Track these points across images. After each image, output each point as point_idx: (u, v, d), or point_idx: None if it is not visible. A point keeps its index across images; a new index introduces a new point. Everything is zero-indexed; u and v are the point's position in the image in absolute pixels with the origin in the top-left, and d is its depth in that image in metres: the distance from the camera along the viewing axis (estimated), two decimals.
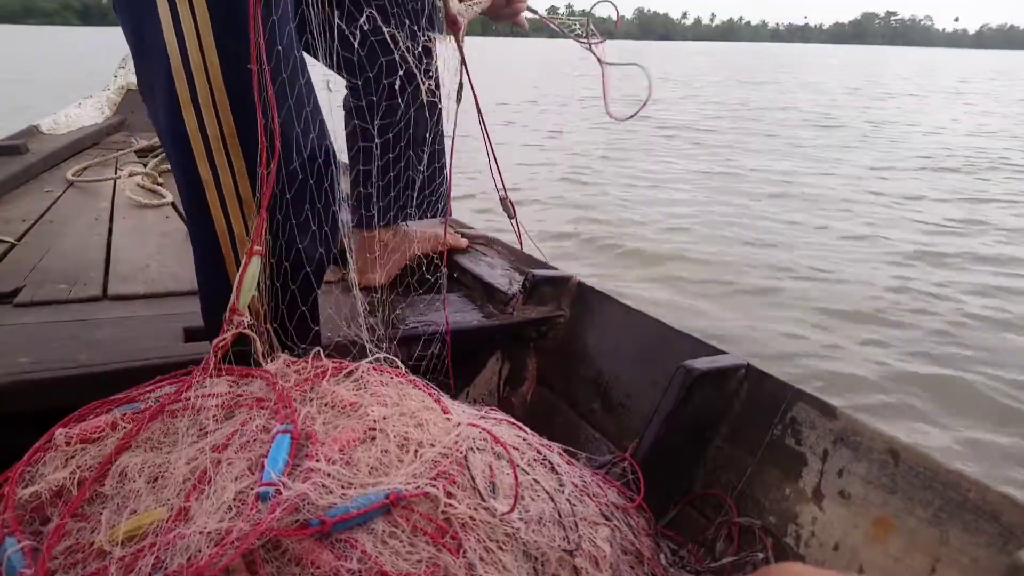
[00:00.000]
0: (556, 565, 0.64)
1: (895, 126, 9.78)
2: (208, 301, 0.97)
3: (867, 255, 3.70)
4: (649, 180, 5.58)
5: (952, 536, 0.69)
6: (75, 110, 3.71)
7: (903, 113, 11.77)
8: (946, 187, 5.54)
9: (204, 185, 0.85)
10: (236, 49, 0.81)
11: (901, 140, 8.30)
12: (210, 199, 0.86)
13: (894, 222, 4.41)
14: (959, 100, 15.13)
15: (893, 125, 9.88)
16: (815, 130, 9.12)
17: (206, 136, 0.83)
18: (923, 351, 2.55)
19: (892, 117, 11.04)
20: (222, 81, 0.81)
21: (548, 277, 1.33)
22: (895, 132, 9.06)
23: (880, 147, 7.67)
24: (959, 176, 6.06)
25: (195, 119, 0.82)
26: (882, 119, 10.66)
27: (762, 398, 0.92)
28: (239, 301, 0.79)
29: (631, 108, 1.40)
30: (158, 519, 0.57)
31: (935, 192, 5.34)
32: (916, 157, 6.98)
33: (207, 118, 0.82)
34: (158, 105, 0.86)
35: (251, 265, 0.80)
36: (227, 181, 0.85)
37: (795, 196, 5.05)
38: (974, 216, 4.60)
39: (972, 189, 5.49)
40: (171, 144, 0.86)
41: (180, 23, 0.79)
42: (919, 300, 3.04)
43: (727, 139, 8.04)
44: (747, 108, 12.08)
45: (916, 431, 2.05)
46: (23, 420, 0.89)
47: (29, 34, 57.37)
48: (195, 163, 0.84)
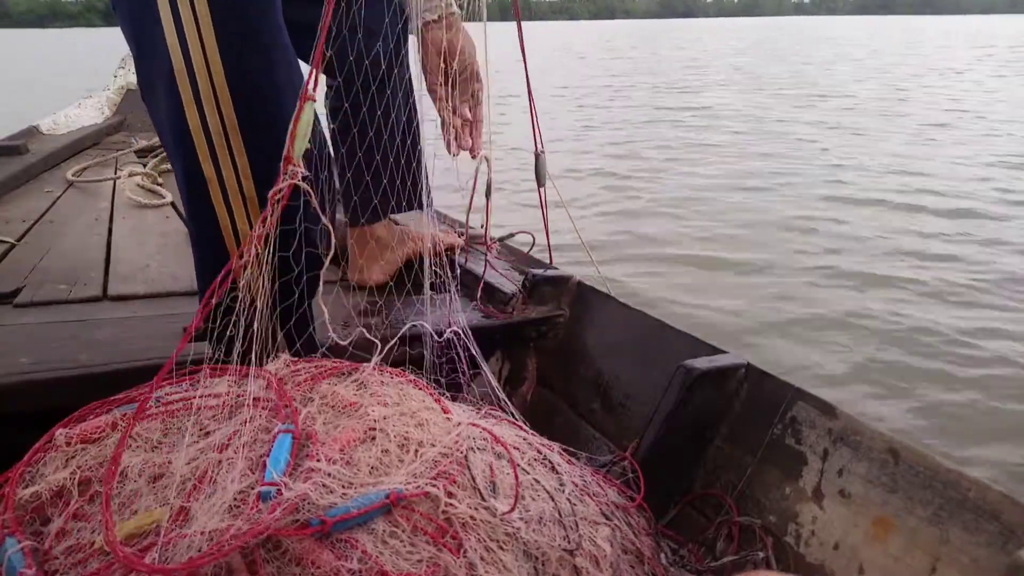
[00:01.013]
0: (556, 565, 0.64)
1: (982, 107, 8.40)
2: (207, 294, 0.97)
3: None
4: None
5: (952, 535, 0.69)
6: (75, 110, 3.71)
7: (984, 92, 10.09)
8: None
9: (207, 183, 0.85)
10: (239, 46, 0.82)
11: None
12: (213, 196, 0.86)
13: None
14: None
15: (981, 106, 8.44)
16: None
17: (209, 133, 0.83)
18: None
19: (970, 97, 9.46)
20: (224, 78, 0.81)
21: (548, 277, 1.33)
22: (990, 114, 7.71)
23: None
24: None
25: (198, 116, 0.82)
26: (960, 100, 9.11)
27: (762, 398, 0.92)
28: (293, 149, 0.76)
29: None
30: (159, 519, 0.57)
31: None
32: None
33: (210, 115, 0.82)
34: (160, 103, 0.86)
35: (304, 111, 0.76)
36: (230, 178, 0.85)
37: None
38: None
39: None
40: (173, 142, 0.87)
41: (181, 20, 0.80)
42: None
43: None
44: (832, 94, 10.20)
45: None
46: (23, 420, 0.89)
47: (55, 37, 56.36)
48: (198, 160, 0.84)
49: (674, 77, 13.79)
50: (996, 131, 6.97)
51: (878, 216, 4.12)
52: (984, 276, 3.14)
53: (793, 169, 5.39)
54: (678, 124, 7.82)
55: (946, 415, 2.10)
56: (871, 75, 13.40)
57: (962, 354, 2.44)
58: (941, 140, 6.55)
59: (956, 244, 3.60)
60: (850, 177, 5.09)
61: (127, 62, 4.21)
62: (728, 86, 12.12)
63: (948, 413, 2.11)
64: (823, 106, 9.06)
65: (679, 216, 4.21)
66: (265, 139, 0.85)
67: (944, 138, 6.64)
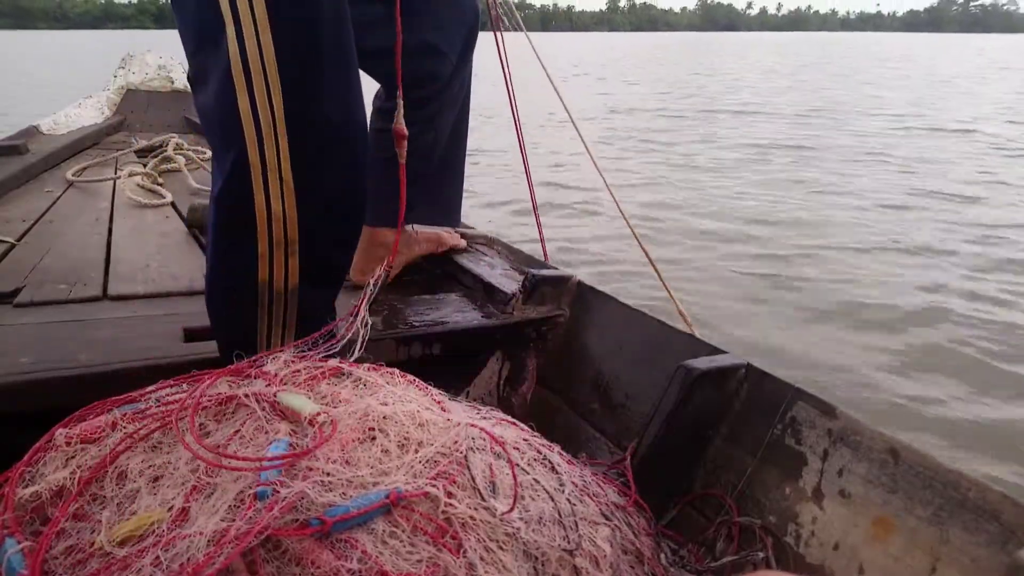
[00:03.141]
0: (556, 565, 0.64)
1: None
2: (217, 282, 0.98)
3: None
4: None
5: (952, 535, 0.69)
6: (75, 110, 3.71)
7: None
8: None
9: (251, 168, 0.89)
10: (292, 37, 0.86)
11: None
12: (254, 180, 0.90)
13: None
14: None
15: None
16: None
17: (258, 121, 0.87)
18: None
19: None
20: (276, 69, 0.86)
21: (548, 277, 1.33)
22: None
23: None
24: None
25: (249, 105, 0.87)
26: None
27: (762, 398, 0.92)
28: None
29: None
30: (158, 519, 0.57)
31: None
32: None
33: (260, 104, 0.87)
34: (210, 91, 0.90)
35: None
36: (273, 163, 0.89)
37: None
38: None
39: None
40: (220, 130, 0.91)
41: (239, 12, 0.84)
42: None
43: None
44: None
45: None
46: (23, 420, 0.89)
47: (108, 38, 55.14)
48: (245, 148, 0.88)
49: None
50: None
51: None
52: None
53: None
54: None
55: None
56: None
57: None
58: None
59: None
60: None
61: (127, 62, 4.22)
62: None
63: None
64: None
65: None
66: (309, 129, 0.90)
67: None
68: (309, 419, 0.67)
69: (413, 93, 1.38)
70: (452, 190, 1.61)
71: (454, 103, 1.46)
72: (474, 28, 1.43)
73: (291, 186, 0.90)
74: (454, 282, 1.55)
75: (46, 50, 36.33)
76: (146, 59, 4.25)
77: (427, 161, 1.46)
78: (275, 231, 0.91)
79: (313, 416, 0.67)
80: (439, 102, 1.40)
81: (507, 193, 4.94)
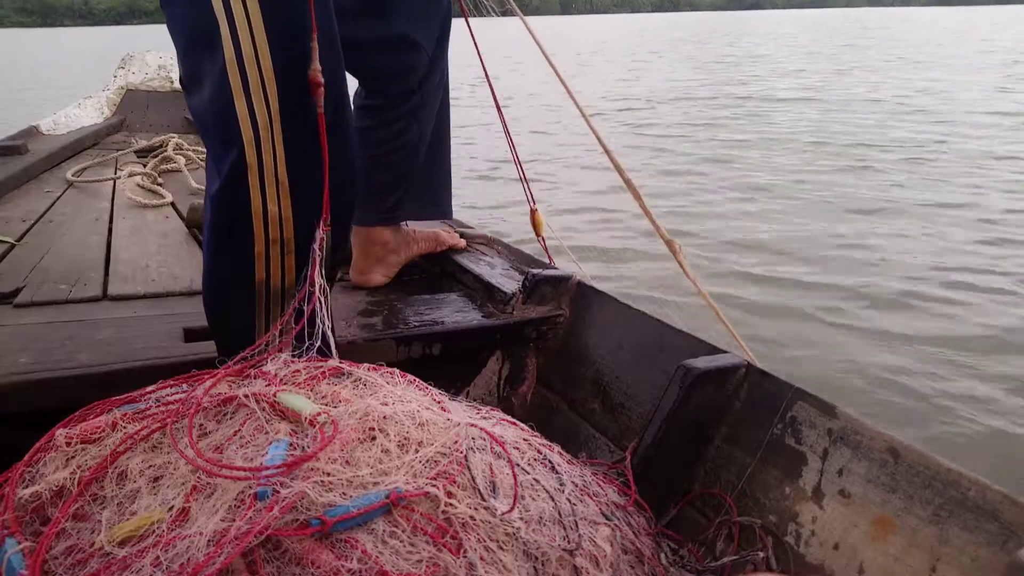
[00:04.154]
0: (556, 565, 0.64)
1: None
2: (214, 282, 0.98)
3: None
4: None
5: (952, 535, 0.69)
6: (75, 110, 3.71)
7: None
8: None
9: (248, 169, 0.89)
10: (289, 38, 0.86)
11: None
12: (251, 181, 0.90)
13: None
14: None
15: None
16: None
17: (256, 123, 0.87)
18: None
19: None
20: (272, 70, 0.86)
21: (548, 276, 1.33)
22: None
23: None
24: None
25: (246, 107, 0.86)
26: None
27: (762, 397, 0.92)
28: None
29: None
30: (159, 519, 0.57)
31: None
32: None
33: (257, 105, 0.87)
34: (205, 94, 0.90)
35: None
36: (269, 164, 0.89)
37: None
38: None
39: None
40: (217, 132, 0.91)
41: (232, 13, 0.84)
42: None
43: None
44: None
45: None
46: (23, 420, 0.89)
47: (136, 33, 53.94)
48: (243, 149, 0.88)
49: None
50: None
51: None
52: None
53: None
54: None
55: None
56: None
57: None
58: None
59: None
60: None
61: (126, 62, 4.21)
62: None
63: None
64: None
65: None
66: (303, 129, 0.90)
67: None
68: (309, 419, 0.67)
69: (394, 88, 1.38)
70: (440, 180, 1.60)
71: (435, 94, 1.45)
72: (448, 18, 1.42)
73: (286, 186, 0.90)
74: (454, 282, 1.55)
75: (69, 47, 35.28)
76: (146, 59, 4.25)
77: (415, 158, 1.45)
78: (271, 230, 0.91)
79: (313, 416, 0.67)
80: (420, 95, 1.40)
81: (580, 200, 4.28)
